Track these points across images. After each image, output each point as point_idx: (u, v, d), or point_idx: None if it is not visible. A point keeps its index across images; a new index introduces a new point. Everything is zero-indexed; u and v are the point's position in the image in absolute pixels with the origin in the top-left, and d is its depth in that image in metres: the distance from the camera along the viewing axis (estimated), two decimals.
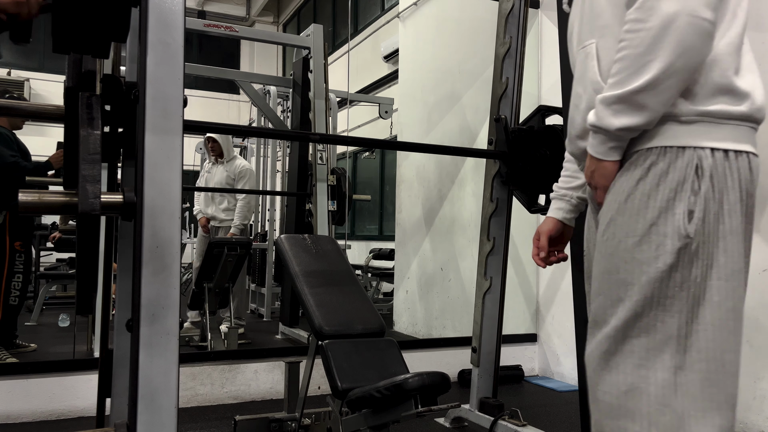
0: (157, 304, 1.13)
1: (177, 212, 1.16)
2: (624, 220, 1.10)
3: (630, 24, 1.05)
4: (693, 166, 1.06)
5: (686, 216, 1.06)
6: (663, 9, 1.01)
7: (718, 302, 1.12)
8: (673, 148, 1.08)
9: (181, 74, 1.18)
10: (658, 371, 1.06)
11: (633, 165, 1.11)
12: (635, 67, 1.04)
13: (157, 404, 1.12)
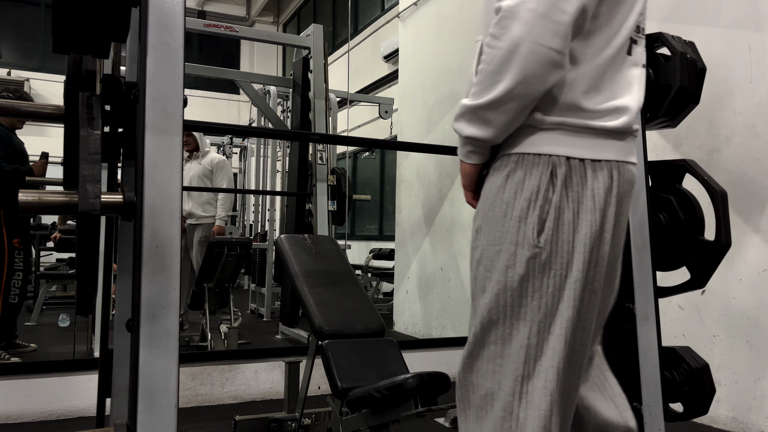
0: (157, 304, 1.13)
1: (177, 212, 1.16)
2: (488, 228, 1.12)
3: (489, 38, 1.05)
4: (548, 174, 1.07)
5: (536, 226, 1.07)
6: (512, 32, 1.01)
7: (569, 312, 1.09)
8: (530, 155, 1.09)
9: (181, 74, 1.18)
10: (509, 379, 1.08)
11: (496, 171, 1.13)
12: (486, 83, 1.05)
13: (157, 404, 1.12)
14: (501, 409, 1.08)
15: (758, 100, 2.78)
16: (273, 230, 6.05)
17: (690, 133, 3.04)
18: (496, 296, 1.09)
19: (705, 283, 1.79)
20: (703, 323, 2.96)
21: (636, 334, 1.69)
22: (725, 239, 1.72)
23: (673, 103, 1.82)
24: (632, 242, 1.71)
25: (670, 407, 1.76)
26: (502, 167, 1.11)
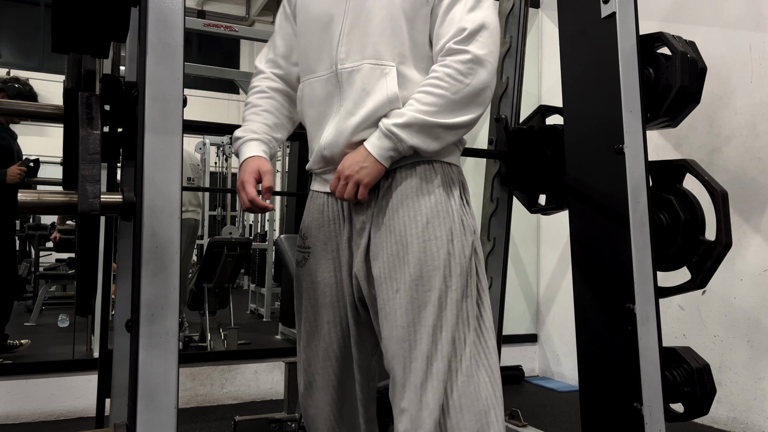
0: (157, 304, 1.13)
1: (177, 212, 1.16)
2: (440, 222, 1.28)
3: (452, 71, 1.23)
4: (459, 178, 1.36)
5: (472, 218, 1.34)
6: (482, 77, 1.24)
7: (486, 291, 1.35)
8: (453, 165, 1.35)
9: (180, 74, 1.18)
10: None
11: (427, 173, 1.31)
12: (450, 109, 1.24)
13: (156, 404, 1.11)
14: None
15: (759, 100, 2.78)
16: (273, 230, 6.05)
17: (690, 132, 3.04)
18: (459, 277, 1.28)
19: (706, 284, 1.79)
20: (704, 323, 2.96)
21: (636, 335, 1.69)
22: (726, 239, 1.72)
23: (673, 102, 1.82)
24: (632, 242, 1.70)
25: (670, 407, 1.76)
26: (431, 172, 1.31)
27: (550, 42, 4.03)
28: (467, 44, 1.24)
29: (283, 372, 2.82)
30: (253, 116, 1.45)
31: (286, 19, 1.48)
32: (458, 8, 1.27)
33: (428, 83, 1.25)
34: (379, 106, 1.26)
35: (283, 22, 1.49)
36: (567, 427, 2.92)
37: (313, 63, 1.36)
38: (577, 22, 1.93)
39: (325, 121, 1.33)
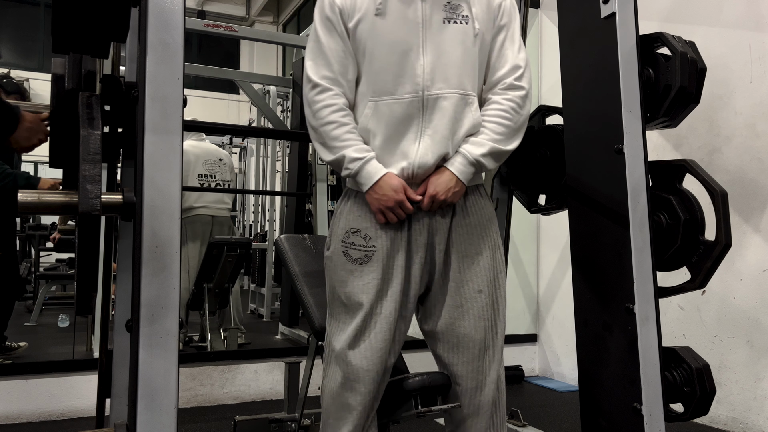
0: (157, 304, 1.13)
1: (177, 212, 1.16)
2: (497, 231, 1.62)
3: (514, 105, 1.51)
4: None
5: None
6: (529, 106, 1.55)
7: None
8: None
9: (180, 74, 1.18)
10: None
11: (482, 190, 1.61)
12: (512, 136, 1.52)
13: (156, 404, 1.12)
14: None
15: (758, 100, 2.78)
16: (273, 230, 6.05)
17: (690, 133, 3.04)
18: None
19: (705, 284, 1.79)
20: (704, 323, 2.96)
21: (636, 335, 1.69)
22: (726, 239, 1.72)
23: (673, 103, 1.82)
24: (632, 242, 1.70)
25: (670, 407, 1.76)
26: (483, 189, 1.61)
27: (550, 42, 4.03)
28: (522, 81, 1.53)
29: (283, 372, 2.82)
30: (351, 135, 1.49)
31: (341, 39, 1.49)
32: (510, 46, 1.54)
33: (497, 114, 1.51)
34: (467, 134, 1.51)
35: (336, 42, 1.49)
36: (567, 427, 2.92)
37: (389, 86, 1.47)
38: (577, 22, 1.93)
39: (402, 139, 1.49)
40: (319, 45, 1.50)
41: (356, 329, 1.51)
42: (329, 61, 1.49)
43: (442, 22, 1.47)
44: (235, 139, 7.89)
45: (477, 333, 1.56)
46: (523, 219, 3.43)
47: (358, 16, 1.47)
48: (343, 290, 1.54)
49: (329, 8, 1.49)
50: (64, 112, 1.35)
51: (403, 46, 1.46)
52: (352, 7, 1.47)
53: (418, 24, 1.46)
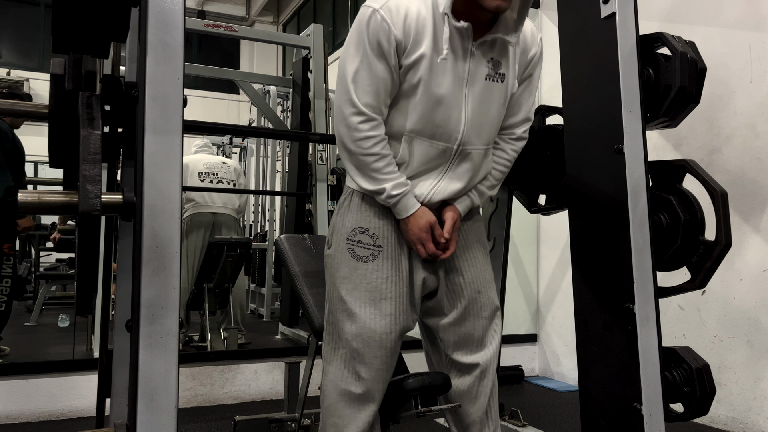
0: (157, 304, 1.13)
1: (177, 212, 1.16)
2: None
3: (515, 154, 1.66)
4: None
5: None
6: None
7: None
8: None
9: (180, 74, 1.18)
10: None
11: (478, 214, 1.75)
12: (503, 180, 1.71)
13: (156, 404, 1.12)
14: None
15: (759, 100, 2.78)
16: (273, 230, 6.05)
17: (690, 133, 3.04)
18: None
19: (705, 284, 1.79)
20: (704, 323, 2.96)
21: (636, 335, 1.69)
22: (726, 239, 1.72)
23: (673, 103, 1.82)
24: (632, 242, 1.71)
25: (670, 407, 1.76)
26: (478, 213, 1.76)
27: (550, 42, 4.02)
28: (527, 132, 1.66)
29: (283, 372, 2.82)
30: (390, 167, 1.51)
31: (391, 70, 1.44)
32: (528, 97, 1.61)
33: (502, 163, 1.65)
34: (480, 180, 1.62)
35: (386, 71, 1.44)
36: (567, 427, 2.92)
37: (428, 130, 1.50)
38: (577, 22, 1.93)
39: (426, 175, 1.55)
40: (368, 70, 1.43)
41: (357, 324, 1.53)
42: (377, 90, 1.45)
43: (484, 79, 1.49)
44: (235, 139, 7.89)
45: (476, 332, 1.63)
46: (523, 219, 3.43)
47: (415, 56, 1.42)
48: (346, 286, 1.54)
49: (385, 37, 1.40)
50: (64, 112, 1.35)
51: (450, 99, 1.47)
52: (409, 44, 1.42)
53: (464, 80, 1.47)
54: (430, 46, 1.42)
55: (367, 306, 1.52)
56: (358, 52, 1.43)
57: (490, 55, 1.48)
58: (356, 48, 1.44)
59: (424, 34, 1.42)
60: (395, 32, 1.40)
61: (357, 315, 1.51)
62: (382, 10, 1.40)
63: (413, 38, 1.41)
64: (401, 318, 1.54)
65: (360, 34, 1.43)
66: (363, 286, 1.53)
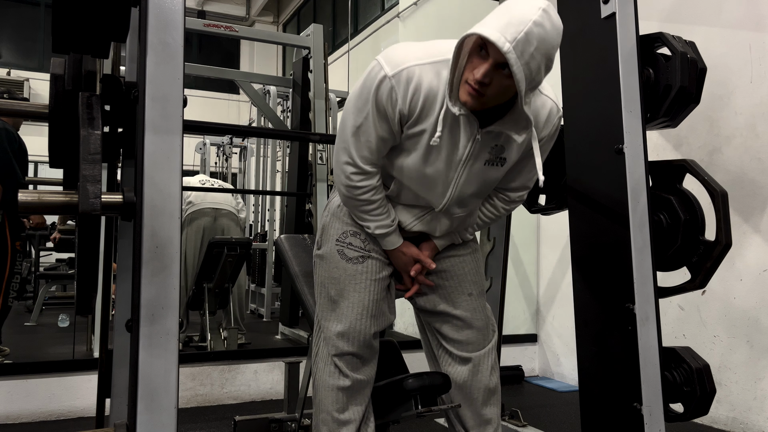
0: (157, 304, 1.13)
1: (177, 212, 1.16)
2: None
3: (505, 211, 1.68)
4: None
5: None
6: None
7: None
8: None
9: (181, 74, 1.18)
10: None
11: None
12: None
13: (156, 404, 1.12)
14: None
15: (759, 100, 2.78)
16: (273, 230, 6.05)
17: (690, 133, 3.04)
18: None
19: (705, 284, 1.79)
20: (704, 323, 2.96)
21: (636, 335, 1.69)
22: (726, 239, 1.72)
23: (673, 103, 1.82)
24: (632, 242, 1.71)
25: (670, 407, 1.76)
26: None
27: None
28: (524, 197, 1.65)
29: (283, 372, 2.82)
30: (379, 210, 1.55)
31: (391, 131, 1.43)
32: (531, 168, 1.54)
33: (490, 214, 1.66)
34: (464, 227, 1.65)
35: (386, 131, 1.43)
36: (567, 427, 2.92)
37: (414, 189, 1.53)
38: (577, 22, 1.93)
39: (412, 208, 1.58)
40: (369, 128, 1.42)
41: (343, 317, 1.59)
42: (375, 147, 1.44)
43: (483, 164, 1.47)
44: (235, 139, 7.89)
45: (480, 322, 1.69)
46: (523, 219, 3.43)
47: (417, 129, 1.41)
48: (335, 287, 1.59)
49: (391, 107, 1.38)
50: (64, 112, 1.35)
51: (438, 178, 1.48)
52: (413, 118, 1.40)
53: (461, 162, 1.45)
54: (432, 124, 1.39)
55: (354, 306, 1.56)
56: (364, 109, 1.41)
57: (495, 142, 1.44)
58: (363, 103, 1.41)
59: (431, 111, 1.38)
60: (401, 106, 1.37)
61: (344, 314, 1.57)
62: (393, 79, 1.36)
63: (419, 113, 1.39)
64: (382, 319, 1.61)
65: (368, 92, 1.39)
66: (351, 287, 1.57)
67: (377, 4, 8.93)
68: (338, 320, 1.58)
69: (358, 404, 1.60)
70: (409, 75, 1.36)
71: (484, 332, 1.67)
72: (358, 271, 1.58)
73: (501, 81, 1.28)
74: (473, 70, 1.28)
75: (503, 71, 1.26)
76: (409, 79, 1.36)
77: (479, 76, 1.26)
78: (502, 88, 1.29)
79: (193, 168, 8.68)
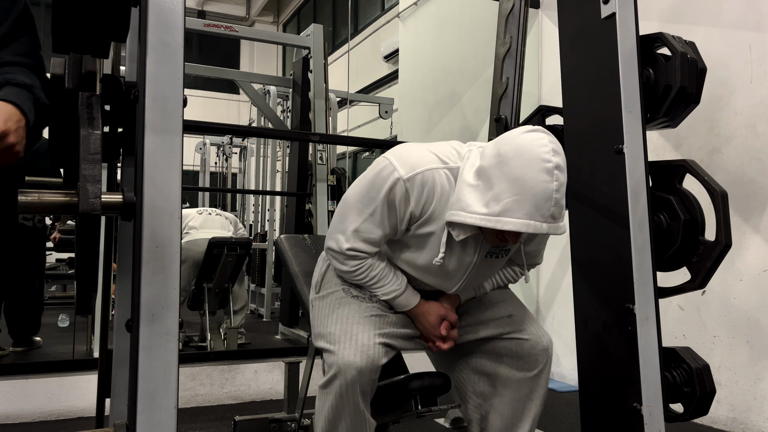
0: (157, 304, 1.13)
1: (177, 212, 1.16)
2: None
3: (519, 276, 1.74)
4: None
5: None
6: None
7: None
8: None
9: (181, 74, 1.18)
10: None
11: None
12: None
13: (156, 404, 1.12)
14: None
15: (758, 100, 2.78)
16: (273, 230, 6.05)
17: (690, 133, 3.04)
18: None
19: (705, 284, 1.79)
20: (704, 324, 2.96)
21: (636, 335, 1.69)
22: (726, 240, 1.72)
23: (673, 103, 1.82)
24: (632, 242, 1.70)
25: (670, 408, 1.76)
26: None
27: (550, 42, 4.03)
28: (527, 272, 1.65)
29: (283, 372, 2.82)
30: (381, 282, 1.50)
31: (397, 226, 1.44)
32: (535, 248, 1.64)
33: (506, 279, 1.69)
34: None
35: (394, 230, 1.45)
36: (567, 427, 2.92)
37: (422, 279, 1.54)
38: (577, 22, 1.93)
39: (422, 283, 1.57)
40: (373, 224, 1.42)
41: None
42: (377, 240, 1.45)
43: (485, 257, 1.50)
44: (235, 139, 7.89)
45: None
46: None
47: (426, 230, 1.43)
48: (337, 322, 1.50)
49: (403, 207, 1.39)
50: (63, 112, 1.35)
51: (450, 273, 1.50)
52: (422, 218, 1.42)
53: (470, 264, 1.49)
54: (441, 228, 1.40)
55: (360, 332, 1.46)
56: (370, 205, 1.41)
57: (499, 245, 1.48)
58: (370, 200, 1.41)
59: (442, 214, 1.39)
60: (413, 207, 1.39)
61: (339, 348, 1.45)
62: (408, 182, 1.37)
63: (429, 215, 1.40)
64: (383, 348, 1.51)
65: (377, 191, 1.39)
66: (357, 316, 1.48)
67: (377, 4, 8.93)
68: (336, 354, 1.44)
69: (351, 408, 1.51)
70: (424, 179, 1.37)
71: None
72: (362, 307, 1.50)
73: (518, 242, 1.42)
74: (495, 235, 1.36)
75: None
76: (424, 183, 1.37)
77: (511, 241, 1.36)
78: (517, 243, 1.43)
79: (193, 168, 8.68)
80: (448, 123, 4.67)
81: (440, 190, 1.38)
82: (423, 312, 1.52)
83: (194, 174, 8.98)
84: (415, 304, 1.52)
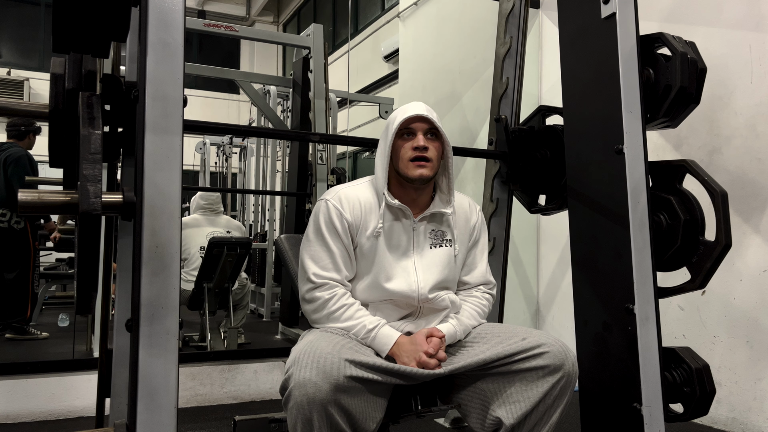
0: (157, 304, 1.13)
1: (177, 212, 1.16)
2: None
3: (489, 305, 1.77)
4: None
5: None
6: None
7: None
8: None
9: (181, 74, 1.18)
10: None
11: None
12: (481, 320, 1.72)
13: (156, 404, 1.12)
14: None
15: (759, 100, 2.78)
16: (273, 230, 6.05)
17: (690, 133, 3.04)
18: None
19: (705, 284, 1.79)
20: (704, 324, 2.96)
21: (636, 335, 1.69)
22: (726, 240, 1.72)
23: (673, 103, 1.82)
24: (632, 242, 1.70)
25: (670, 408, 1.76)
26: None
27: (550, 42, 4.03)
28: (493, 290, 1.79)
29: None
30: (362, 311, 1.57)
31: (345, 245, 1.59)
32: (481, 260, 1.77)
33: (480, 306, 1.72)
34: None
35: (343, 247, 1.58)
36: (567, 427, 2.92)
37: (384, 289, 1.60)
38: (577, 22, 1.93)
39: (397, 317, 1.63)
40: (323, 248, 1.57)
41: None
42: (332, 262, 1.57)
43: (429, 248, 1.64)
44: (235, 139, 7.89)
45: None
46: (523, 219, 3.43)
47: (366, 234, 1.58)
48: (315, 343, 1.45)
49: (338, 219, 1.57)
50: (64, 112, 1.35)
51: (397, 269, 1.59)
52: (359, 225, 1.59)
53: (408, 251, 1.61)
54: (375, 227, 1.58)
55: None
56: (317, 236, 1.58)
57: (431, 227, 1.64)
58: (314, 234, 1.59)
59: (372, 216, 1.59)
60: (346, 216, 1.57)
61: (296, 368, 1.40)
62: (333, 200, 1.59)
63: (363, 220, 1.58)
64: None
65: (317, 221, 1.60)
66: (322, 341, 1.44)
67: (377, 4, 8.93)
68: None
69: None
70: (344, 194, 1.60)
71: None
72: (341, 338, 1.48)
73: (433, 144, 1.58)
74: (409, 148, 1.57)
75: (428, 137, 1.58)
76: (347, 195, 1.60)
77: (419, 144, 1.56)
78: (437, 150, 1.59)
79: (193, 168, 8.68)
80: (448, 123, 4.67)
81: (363, 197, 1.60)
82: (407, 340, 1.51)
83: (194, 174, 8.99)
84: (398, 336, 1.52)
